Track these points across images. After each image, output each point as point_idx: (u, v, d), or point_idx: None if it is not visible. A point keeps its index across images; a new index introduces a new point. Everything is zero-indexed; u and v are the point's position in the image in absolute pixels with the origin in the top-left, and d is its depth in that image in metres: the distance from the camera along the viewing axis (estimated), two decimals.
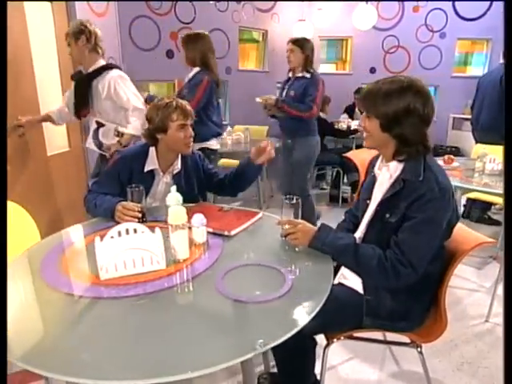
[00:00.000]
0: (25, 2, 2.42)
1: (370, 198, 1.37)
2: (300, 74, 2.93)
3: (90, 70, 2.32)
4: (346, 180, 4.29)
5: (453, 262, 1.27)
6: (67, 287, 1.07)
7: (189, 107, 1.70)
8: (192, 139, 1.71)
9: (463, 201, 3.58)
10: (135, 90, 2.38)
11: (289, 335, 0.83)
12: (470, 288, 2.51)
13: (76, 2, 2.89)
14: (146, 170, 1.70)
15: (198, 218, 1.28)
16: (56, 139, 2.84)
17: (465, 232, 1.36)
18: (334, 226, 1.43)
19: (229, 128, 4.00)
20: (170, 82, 4.36)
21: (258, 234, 1.44)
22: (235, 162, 4.27)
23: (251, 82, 4.97)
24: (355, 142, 4.39)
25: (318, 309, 0.91)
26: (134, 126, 2.27)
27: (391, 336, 1.42)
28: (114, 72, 2.32)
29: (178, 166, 1.75)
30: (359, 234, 1.39)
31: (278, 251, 1.27)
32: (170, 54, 4.10)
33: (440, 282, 1.30)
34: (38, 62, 2.55)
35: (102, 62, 2.36)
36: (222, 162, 4.24)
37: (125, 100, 2.28)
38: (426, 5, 5.35)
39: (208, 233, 1.33)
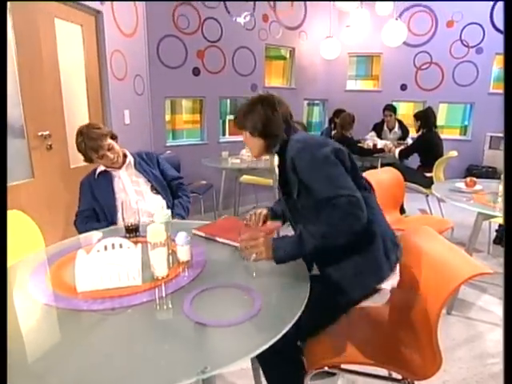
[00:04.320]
0: (56, 24, 2.60)
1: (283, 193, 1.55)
2: None
3: None
4: None
5: (445, 294, 1.18)
6: (45, 297, 1.11)
7: (98, 132, 1.92)
8: (118, 157, 1.99)
9: (494, 226, 3.37)
10: None
11: (239, 361, 0.80)
12: (493, 322, 2.32)
13: (106, 24, 3.06)
14: (96, 174, 2.01)
15: (182, 236, 1.29)
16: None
17: (463, 260, 1.27)
18: None
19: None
20: (196, 98, 4.47)
21: None
22: (255, 179, 4.29)
23: None
24: (380, 161, 4.27)
25: (275, 339, 0.87)
26: None
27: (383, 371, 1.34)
28: None
29: (129, 157, 2.06)
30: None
31: (259, 274, 1.25)
32: (196, 72, 4.22)
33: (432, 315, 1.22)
34: (65, 78, 2.71)
35: None
36: (243, 178, 4.27)
37: None
38: (461, 19, 5.18)
39: (223, 244, 1.42)
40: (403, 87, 5.52)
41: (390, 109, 4.91)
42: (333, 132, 4.87)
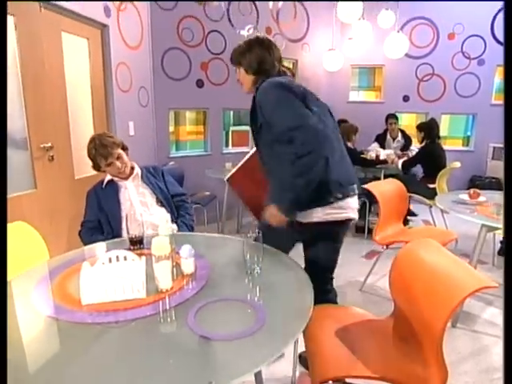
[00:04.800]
0: (63, 37, 2.65)
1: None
2: None
3: None
4: (372, 210, 4.17)
5: (450, 307, 1.18)
6: (49, 309, 1.11)
7: (111, 140, 1.97)
8: (125, 168, 2.02)
9: (498, 237, 3.35)
10: None
11: (243, 378, 0.80)
12: (499, 335, 2.28)
13: (111, 37, 3.11)
14: (104, 185, 2.03)
15: (187, 249, 1.29)
16: (84, 163, 3.00)
17: (468, 273, 1.26)
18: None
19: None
20: (199, 110, 4.51)
21: None
22: None
23: None
24: (383, 172, 4.27)
25: (279, 353, 0.87)
26: None
27: None
28: None
29: (136, 169, 2.09)
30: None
31: (262, 287, 1.25)
32: (199, 84, 4.27)
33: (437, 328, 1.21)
34: (71, 91, 2.75)
35: None
36: None
37: None
38: (462, 32, 5.22)
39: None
40: (405, 98, 5.55)
41: (394, 117, 4.93)
42: None
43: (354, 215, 1.66)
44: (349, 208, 1.62)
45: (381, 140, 5.05)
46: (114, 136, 2.06)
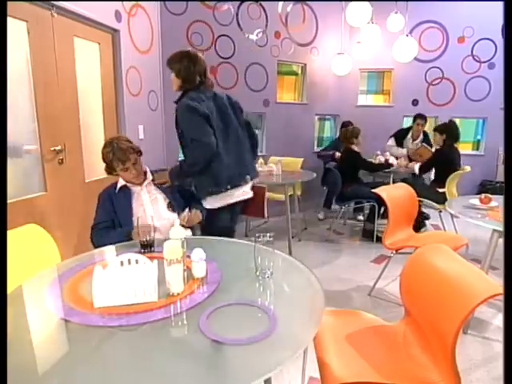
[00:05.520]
0: (75, 42, 2.68)
1: None
2: None
3: None
4: (381, 212, 4.14)
5: (463, 314, 1.16)
6: (62, 312, 1.12)
7: (128, 145, 1.96)
8: (140, 174, 2.02)
9: None
10: None
11: (257, 381, 0.80)
12: None
13: (122, 42, 3.15)
14: (117, 189, 2.01)
15: (198, 253, 1.30)
16: (95, 166, 3.03)
17: (481, 279, 1.25)
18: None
19: (260, 160, 4.05)
20: None
21: None
22: (267, 194, 4.29)
23: (289, 114, 5.04)
24: (393, 177, 4.25)
25: (292, 358, 0.87)
26: None
27: None
28: None
29: (149, 176, 2.09)
30: None
31: (274, 291, 1.25)
32: None
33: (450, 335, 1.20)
34: (82, 94, 2.79)
35: None
36: None
37: None
38: (472, 35, 5.19)
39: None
40: (415, 102, 5.52)
41: (423, 118, 4.68)
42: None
43: (245, 197, 2.35)
44: (239, 194, 2.30)
45: (400, 137, 4.84)
46: (131, 140, 2.04)
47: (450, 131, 3.91)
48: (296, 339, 0.95)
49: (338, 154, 4.62)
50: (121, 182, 2.03)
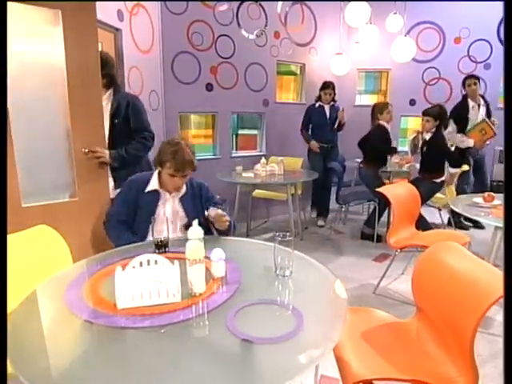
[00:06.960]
0: None
1: None
2: None
3: None
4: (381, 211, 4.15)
5: (480, 311, 1.19)
6: (85, 313, 1.12)
7: (192, 157, 1.86)
8: (180, 188, 1.92)
9: None
10: None
11: (289, 381, 0.81)
12: None
13: (124, 41, 3.13)
14: (146, 190, 1.91)
15: (218, 253, 1.30)
16: None
17: (495, 276, 1.27)
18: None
19: (263, 159, 4.06)
20: (208, 114, 4.52)
21: None
22: (268, 193, 4.32)
23: (288, 114, 5.05)
24: (392, 176, 4.29)
25: (319, 360, 0.88)
26: None
27: None
28: None
29: (183, 189, 1.95)
30: None
31: (295, 290, 1.26)
32: (209, 87, 4.28)
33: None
34: None
35: None
36: (256, 192, 4.30)
37: None
38: (468, 36, 5.25)
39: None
40: (412, 102, 5.57)
41: (473, 77, 4.19)
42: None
43: None
44: None
45: (461, 111, 4.25)
46: (195, 152, 1.95)
47: (443, 117, 3.80)
48: (325, 337, 0.96)
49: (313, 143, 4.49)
50: (153, 185, 1.92)
